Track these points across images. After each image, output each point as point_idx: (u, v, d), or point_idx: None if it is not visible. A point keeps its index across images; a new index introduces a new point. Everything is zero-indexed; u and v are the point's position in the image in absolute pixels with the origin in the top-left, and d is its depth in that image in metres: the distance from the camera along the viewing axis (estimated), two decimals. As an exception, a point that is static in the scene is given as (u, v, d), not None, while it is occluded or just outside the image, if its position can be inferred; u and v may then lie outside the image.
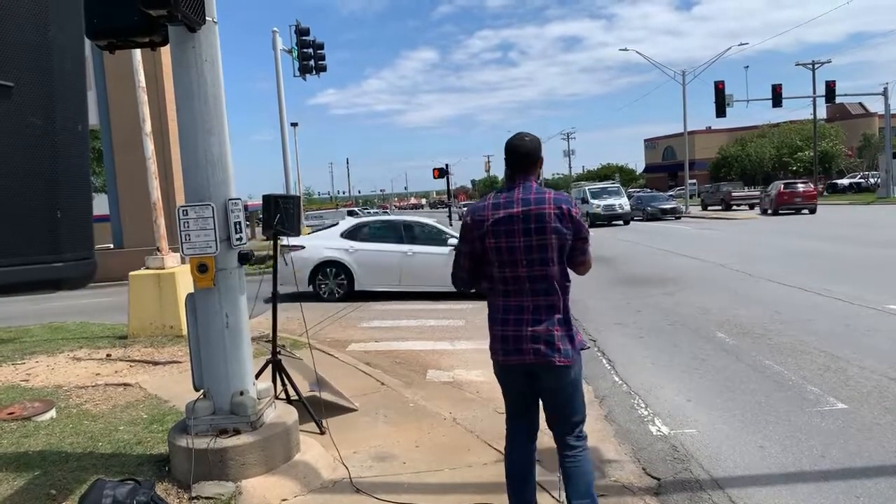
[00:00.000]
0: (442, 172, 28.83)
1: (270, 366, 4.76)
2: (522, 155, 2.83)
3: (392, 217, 14.64)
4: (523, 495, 2.95)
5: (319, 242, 11.61)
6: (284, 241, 12.02)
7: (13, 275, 1.52)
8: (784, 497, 3.49)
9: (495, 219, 2.72)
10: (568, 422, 2.88)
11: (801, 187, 31.09)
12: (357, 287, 11.26)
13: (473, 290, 3.04)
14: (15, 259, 1.52)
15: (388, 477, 3.82)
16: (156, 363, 6.87)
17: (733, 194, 40.44)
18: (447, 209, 31.90)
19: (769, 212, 31.93)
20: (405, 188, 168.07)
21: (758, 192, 39.06)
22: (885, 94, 37.96)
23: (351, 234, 11.69)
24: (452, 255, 10.71)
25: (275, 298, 4.87)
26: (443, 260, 10.66)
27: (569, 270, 2.84)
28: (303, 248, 11.24)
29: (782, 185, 31.74)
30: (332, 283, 11.31)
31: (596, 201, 31.27)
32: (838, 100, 39.59)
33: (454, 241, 11.44)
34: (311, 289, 11.22)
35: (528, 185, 2.78)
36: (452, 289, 3.07)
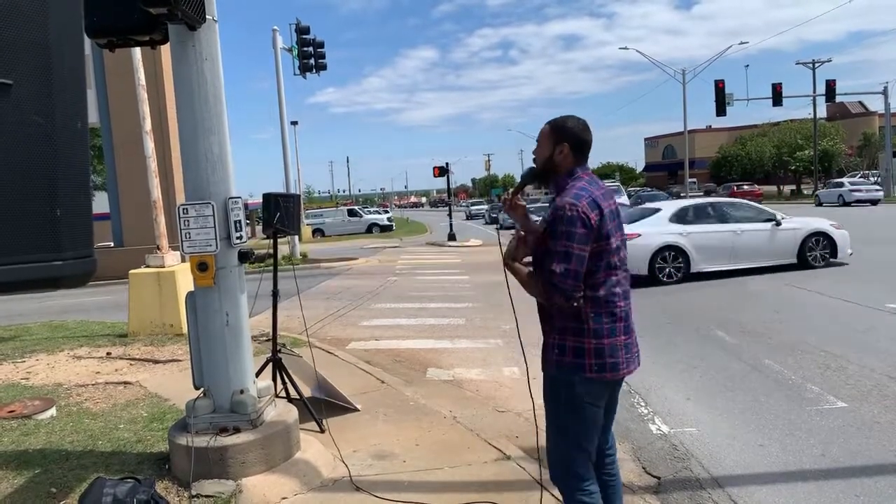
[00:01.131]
0: (442, 171, 28.71)
1: (271, 364, 4.76)
2: (591, 143, 2.56)
3: (712, 199, 14.52)
4: None
5: (652, 229, 11.62)
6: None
7: (12, 273, 1.52)
8: (784, 495, 3.49)
9: (609, 211, 2.42)
10: (610, 431, 2.74)
11: (746, 188, 40.50)
12: (692, 269, 11.34)
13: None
14: (14, 257, 1.52)
15: (389, 475, 3.82)
16: (156, 361, 6.88)
17: (681, 195, 47.65)
18: (448, 207, 31.82)
19: None
20: (405, 186, 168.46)
21: (701, 193, 46.00)
22: (885, 93, 37.95)
23: (679, 218, 11.77)
24: (773, 231, 11.29)
25: (275, 298, 4.86)
26: (766, 236, 11.55)
27: None
28: (638, 235, 11.30)
29: (734, 187, 41.53)
30: (671, 266, 11.42)
31: None
32: (838, 99, 39.53)
33: (780, 216, 11.82)
34: (647, 274, 11.22)
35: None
36: (776, 262, 2.56)
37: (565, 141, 2.50)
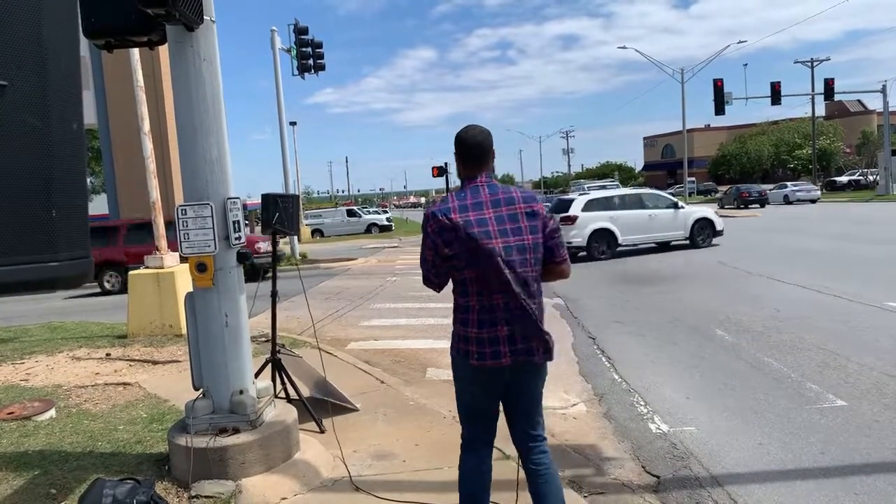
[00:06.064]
0: (441, 171, 28.76)
1: (270, 365, 4.76)
2: (469, 146, 2.59)
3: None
4: None
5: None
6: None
7: (9, 274, 1.52)
8: (783, 494, 3.49)
9: (477, 219, 2.68)
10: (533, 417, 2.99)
11: None
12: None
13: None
14: (10, 258, 1.52)
15: (388, 475, 3.82)
16: (155, 362, 6.87)
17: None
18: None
19: None
20: (404, 187, 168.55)
21: None
22: (883, 91, 37.96)
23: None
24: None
25: (274, 297, 4.86)
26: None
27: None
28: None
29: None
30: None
31: None
32: (837, 97, 39.58)
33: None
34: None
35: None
36: None
37: (455, 151, 2.57)
